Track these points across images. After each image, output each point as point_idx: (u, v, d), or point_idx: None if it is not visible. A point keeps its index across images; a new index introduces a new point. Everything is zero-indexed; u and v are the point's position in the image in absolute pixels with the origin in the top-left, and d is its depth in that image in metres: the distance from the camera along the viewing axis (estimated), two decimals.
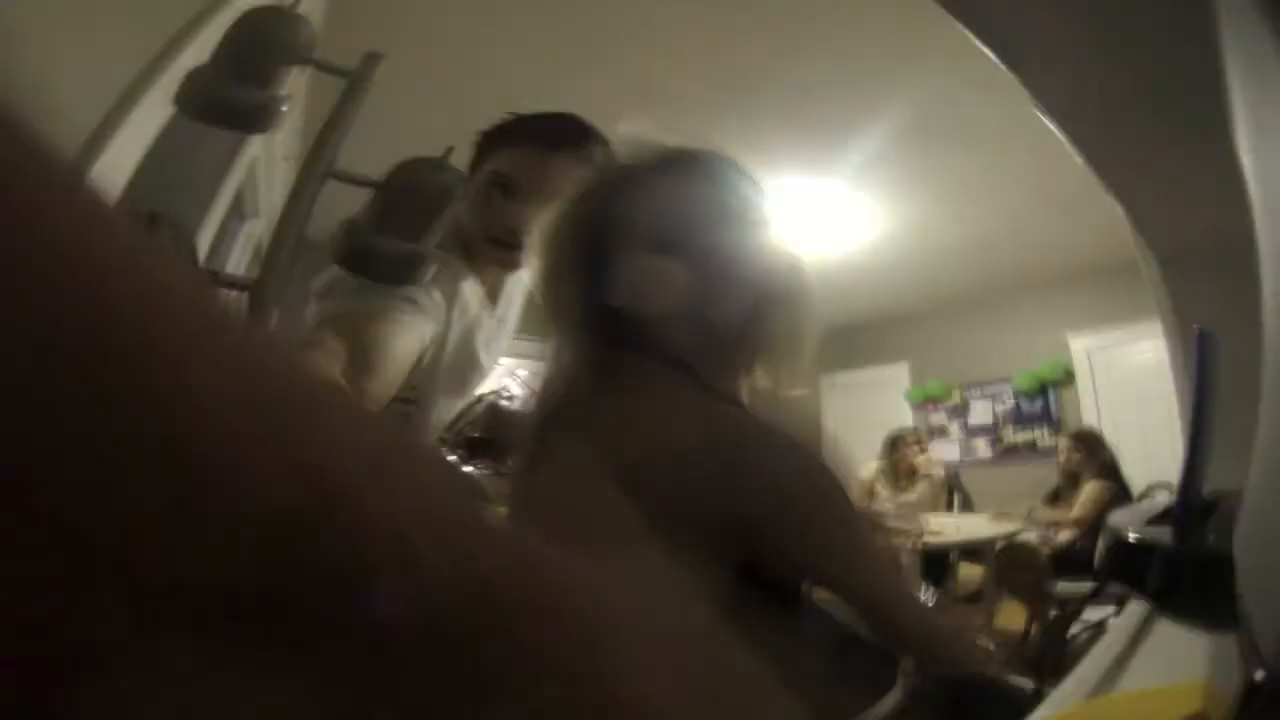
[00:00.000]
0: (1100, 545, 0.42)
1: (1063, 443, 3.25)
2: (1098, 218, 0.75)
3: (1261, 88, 0.17)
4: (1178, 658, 0.28)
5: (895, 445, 3.81)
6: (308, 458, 0.08)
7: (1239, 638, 0.17)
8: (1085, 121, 0.48)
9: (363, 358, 0.58)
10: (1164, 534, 0.35)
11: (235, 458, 0.08)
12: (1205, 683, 0.19)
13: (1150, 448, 3.31)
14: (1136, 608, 0.33)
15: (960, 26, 0.41)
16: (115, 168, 0.87)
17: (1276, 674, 0.15)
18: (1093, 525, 2.66)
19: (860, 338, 6.22)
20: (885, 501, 3.57)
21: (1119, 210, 0.66)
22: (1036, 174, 2.99)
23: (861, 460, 5.74)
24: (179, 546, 0.07)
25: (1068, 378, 4.74)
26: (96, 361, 0.07)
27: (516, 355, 1.02)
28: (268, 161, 2.11)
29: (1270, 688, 0.15)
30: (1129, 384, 4.32)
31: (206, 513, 0.07)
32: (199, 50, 0.97)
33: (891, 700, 0.45)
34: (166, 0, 0.97)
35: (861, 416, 6.09)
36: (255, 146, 1.84)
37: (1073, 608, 0.60)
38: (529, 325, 0.89)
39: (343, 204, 0.78)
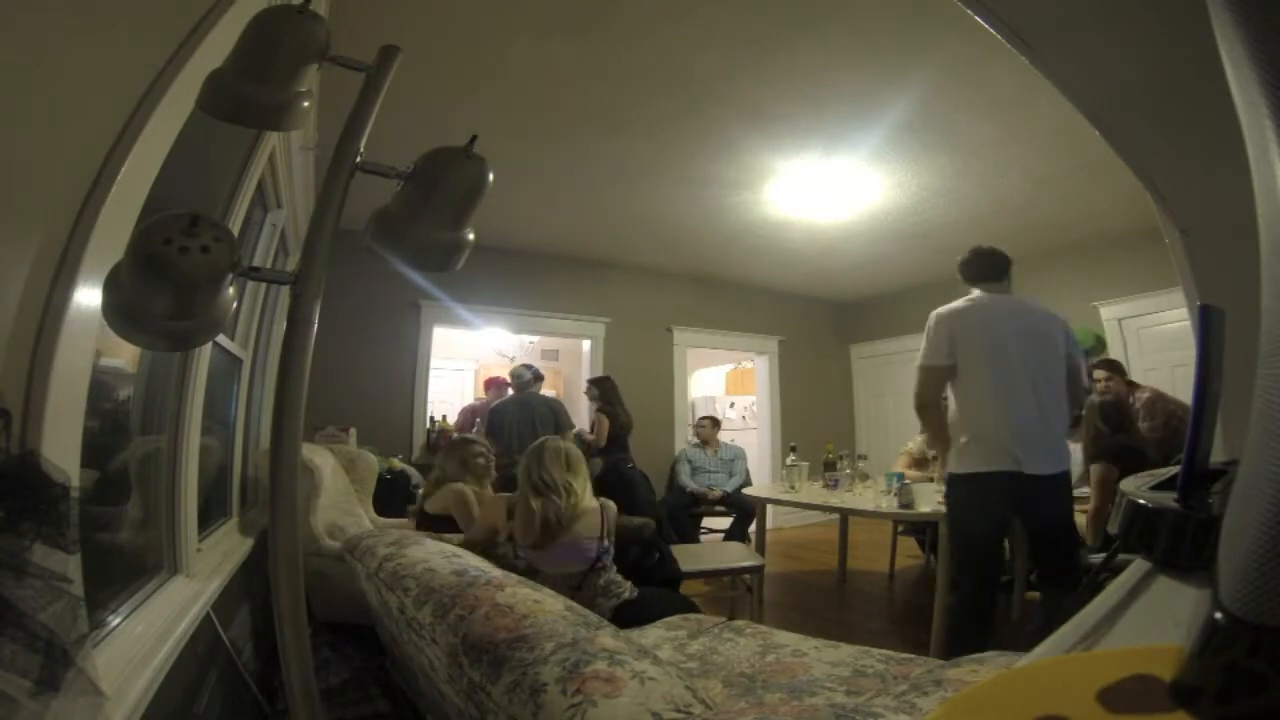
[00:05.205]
0: (1113, 511, 0.44)
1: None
2: (1125, 182, 0.74)
3: (1237, 76, 0.18)
4: (1180, 619, 0.29)
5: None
6: None
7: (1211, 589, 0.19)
8: (1099, 99, 0.47)
9: None
10: (1169, 499, 0.36)
11: None
12: (1180, 647, 0.20)
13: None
14: (1140, 566, 0.35)
15: (969, 12, 0.41)
16: (142, 169, 0.91)
17: (1233, 615, 0.17)
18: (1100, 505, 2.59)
19: (889, 308, 6.18)
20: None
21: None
22: (1061, 138, 2.91)
23: (894, 428, 5.73)
24: None
25: (1099, 345, 4.65)
26: None
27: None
28: (285, 152, 2.14)
29: (1227, 627, 0.17)
30: (1160, 351, 4.24)
31: None
32: (210, 51, 1.00)
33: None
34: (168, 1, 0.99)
35: (891, 386, 6.09)
36: (272, 137, 1.87)
37: (1094, 573, 0.62)
38: None
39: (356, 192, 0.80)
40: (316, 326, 0.67)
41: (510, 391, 4.16)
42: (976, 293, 2.20)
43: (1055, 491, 2.04)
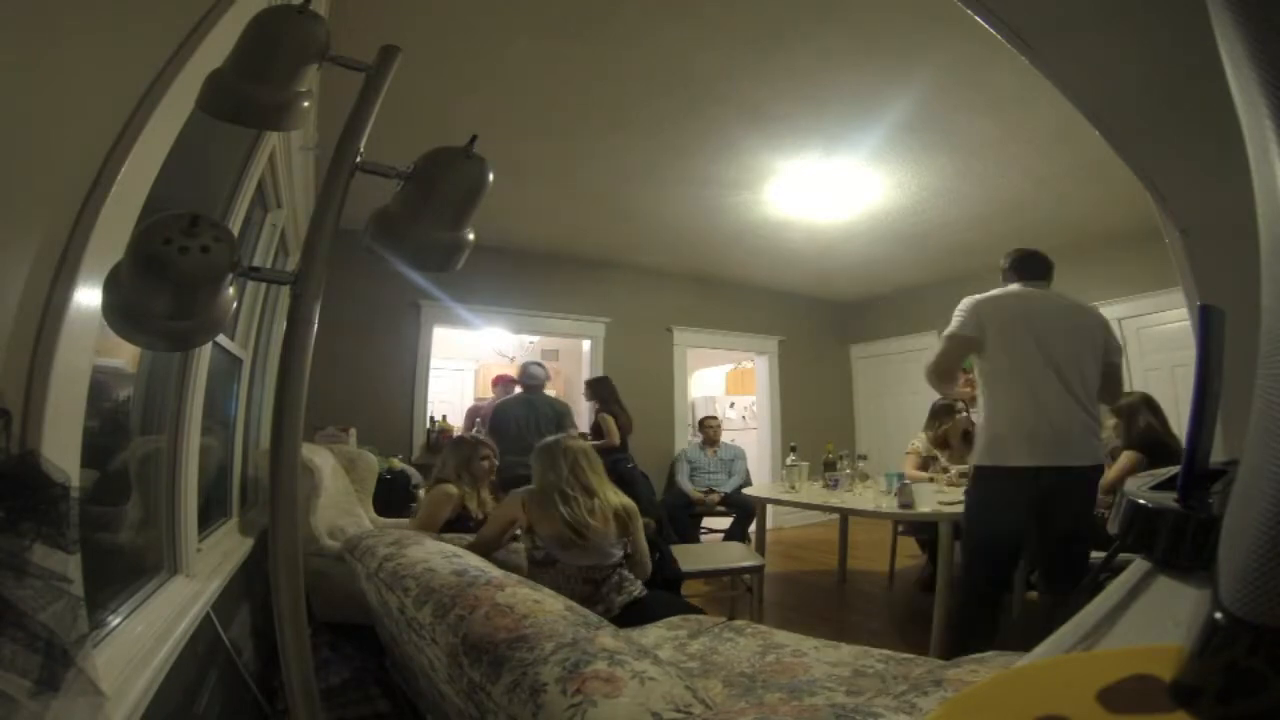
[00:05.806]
0: (1113, 510, 0.44)
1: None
2: (1125, 182, 0.74)
3: (1237, 76, 0.18)
4: (1180, 619, 0.29)
5: (943, 413, 3.70)
6: None
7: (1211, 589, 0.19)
8: (1099, 99, 0.47)
9: None
10: (1169, 499, 0.36)
11: None
12: (1180, 648, 0.20)
13: (1184, 414, 3.26)
14: (1140, 566, 0.35)
15: (969, 12, 0.41)
16: (142, 169, 0.91)
17: (1233, 615, 0.17)
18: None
19: (889, 308, 6.18)
20: (947, 468, 3.49)
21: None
22: (1061, 138, 2.90)
23: (894, 428, 5.74)
24: None
25: None
26: None
27: None
28: (285, 152, 2.14)
29: (1227, 627, 0.17)
30: (1160, 351, 4.25)
31: None
32: (210, 51, 1.00)
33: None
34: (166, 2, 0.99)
35: (891, 386, 6.09)
36: (272, 137, 1.87)
37: (1094, 573, 0.62)
38: None
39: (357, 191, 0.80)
40: (316, 326, 0.67)
41: (516, 390, 4.15)
42: (1015, 286, 2.19)
43: (1078, 488, 2.00)
